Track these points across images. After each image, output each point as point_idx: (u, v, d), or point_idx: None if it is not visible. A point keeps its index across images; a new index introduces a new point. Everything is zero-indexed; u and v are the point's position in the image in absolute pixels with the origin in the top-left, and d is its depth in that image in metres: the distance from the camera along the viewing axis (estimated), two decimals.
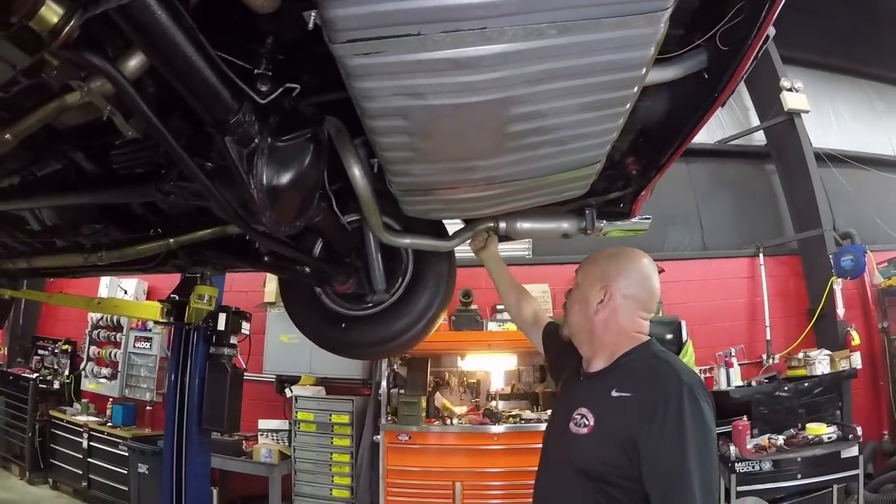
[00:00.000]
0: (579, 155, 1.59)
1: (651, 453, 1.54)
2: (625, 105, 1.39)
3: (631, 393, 1.66)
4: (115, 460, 6.93)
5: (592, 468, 1.64)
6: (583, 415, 1.72)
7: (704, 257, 7.40)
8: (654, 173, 1.96)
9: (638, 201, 2.13)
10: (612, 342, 1.81)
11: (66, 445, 7.64)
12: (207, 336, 5.25)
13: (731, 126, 8.05)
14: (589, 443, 1.68)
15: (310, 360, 6.60)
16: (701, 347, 6.00)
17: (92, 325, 8.56)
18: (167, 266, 2.98)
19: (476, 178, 1.62)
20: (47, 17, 0.95)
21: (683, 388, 1.58)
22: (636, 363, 1.75)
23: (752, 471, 5.19)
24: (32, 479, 7.76)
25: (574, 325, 1.92)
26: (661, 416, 1.55)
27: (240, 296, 6.89)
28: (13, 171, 2.25)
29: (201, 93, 1.24)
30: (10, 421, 8.15)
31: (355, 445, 6.11)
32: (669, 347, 5.52)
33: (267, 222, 1.52)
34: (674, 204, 7.37)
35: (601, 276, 1.85)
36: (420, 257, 2.56)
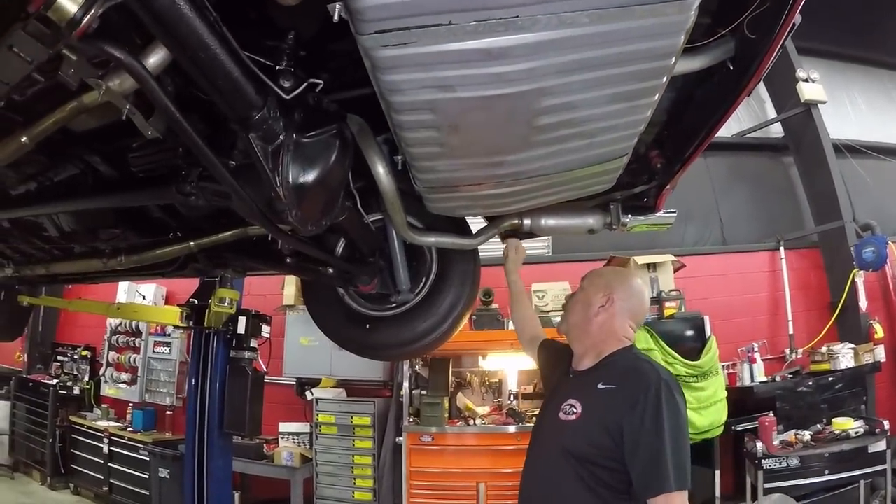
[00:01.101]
0: (607, 148, 1.56)
1: (632, 435, 1.76)
2: (653, 96, 1.36)
3: (615, 385, 1.89)
4: (135, 465, 6.93)
5: (579, 449, 1.86)
6: (571, 404, 1.95)
7: (724, 252, 7.31)
8: (680, 166, 1.94)
9: (663, 195, 2.11)
10: (602, 342, 2.05)
11: (86, 451, 7.65)
12: (227, 340, 5.25)
13: (747, 119, 7.96)
14: (576, 427, 1.90)
15: (330, 362, 6.56)
16: (724, 343, 5.91)
17: (111, 330, 8.62)
18: (187, 270, 2.98)
19: (503, 173, 1.59)
20: (66, 7, 0.92)
21: (661, 382, 1.82)
22: (620, 362, 2.00)
23: (778, 468, 5.12)
24: (53, 484, 7.78)
25: (572, 323, 2.15)
26: (641, 404, 1.77)
27: (258, 299, 6.82)
28: (30, 177, 2.25)
29: (225, 87, 1.21)
30: (31, 427, 8.16)
31: (377, 447, 6.08)
32: (692, 345, 5.53)
33: (293, 221, 1.50)
34: (692, 199, 7.28)
35: (606, 285, 2.09)
36: (444, 256, 2.53)
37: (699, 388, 5.34)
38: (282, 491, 6.19)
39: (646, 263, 6.13)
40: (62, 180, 2.24)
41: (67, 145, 2.02)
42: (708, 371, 5.43)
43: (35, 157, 2.05)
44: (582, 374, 2.07)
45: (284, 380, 7.16)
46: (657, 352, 5.33)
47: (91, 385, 8.61)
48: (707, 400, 5.33)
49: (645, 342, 5.35)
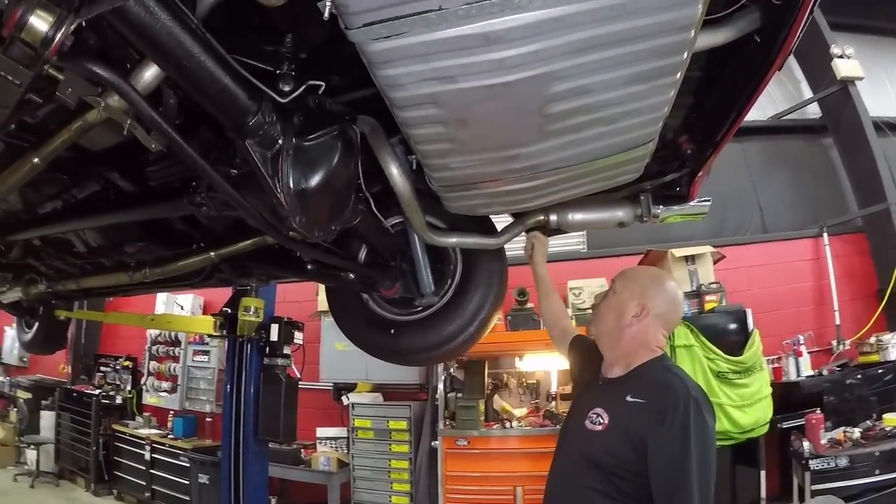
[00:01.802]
0: (630, 134, 1.45)
1: (657, 452, 1.72)
2: (675, 74, 1.26)
3: (644, 399, 1.84)
4: (176, 471, 7.14)
5: (603, 460, 1.84)
6: (598, 414, 1.91)
7: (765, 241, 7.04)
8: (711, 151, 1.82)
9: (695, 183, 1.99)
10: (633, 352, 1.99)
11: (129, 458, 7.91)
12: (261, 347, 5.31)
13: (782, 101, 7.68)
14: (602, 438, 1.87)
15: (366, 366, 6.55)
16: (768, 336, 5.67)
17: (151, 341, 8.86)
18: (213, 280, 2.97)
19: (520, 167, 1.50)
20: (38, 28, 0.93)
21: (690, 400, 1.76)
22: (650, 374, 1.94)
23: (827, 468, 4.85)
24: (97, 490, 8.04)
25: (603, 329, 2.08)
26: (669, 421, 1.73)
27: (293, 306, 6.88)
28: (54, 196, 2.31)
29: (214, 95, 1.19)
30: (75, 436, 8.46)
31: (414, 451, 6.03)
32: (735, 339, 5.31)
33: (298, 227, 1.45)
34: (729, 186, 7.03)
35: (641, 293, 2.00)
36: (469, 256, 2.46)
37: (742, 384, 5.13)
38: (320, 496, 6.20)
39: (684, 256, 5.91)
40: (85, 197, 2.29)
41: (87, 164, 2.06)
42: (751, 366, 5.21)
43: (57, 176, 2.14)
44: (611, 383, 2.02)
45: (321, 385, 7.20)
46: (697, 348, 5.14)
47: (133, 394, 8.87)
48: (751, 397, 5.12)
49: (685, 338, 5.17)
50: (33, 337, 4.89)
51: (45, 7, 0.92)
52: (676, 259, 5.83)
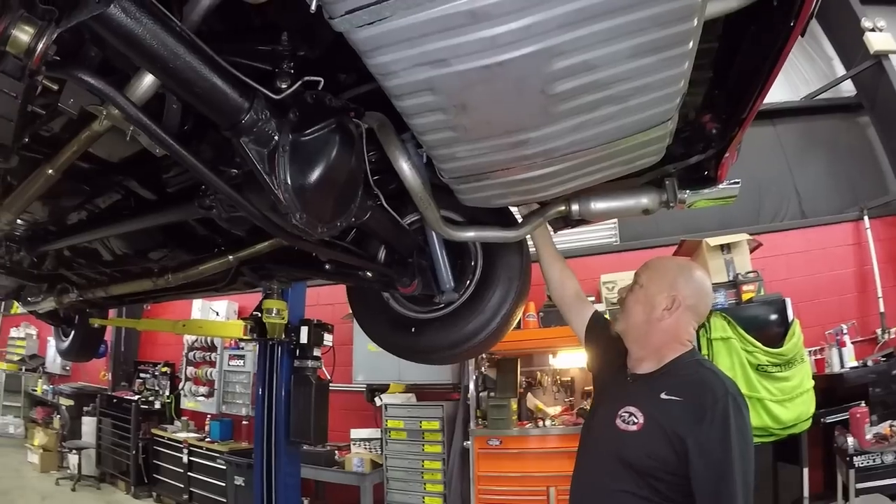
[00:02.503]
0: (646, 112, 1.36)
1: (698, 453, 1.68)
2: (686, 44, 1.16)
3: (681, 397, 1.79)
4: (213, 473, 7.32)
5: (640, 461, 1.78)
6: (631, 413, 1.86)
7: (804, 226, 6.75)
8: (737, 129, 1.70)
9: (723, 164, 1.87)
10: (665, 346, 1.94)
11: (167, 461, 8.15)
12: (291, 350, 5.35)
13: (815, 80, 7.39)
14: (638, 439, 1.81)
15: (398, 367, 6.53)
16: (809, 327, 5.46)
17: (188, 347, 9.08)
18: (237, 284, 3.00)
19: (531, 153, 1.42)
20: (21, 39, 0.98)
21: (729, 396, 1.73)
22: (684, 369, 1.89)
23: (872, 465, 4.63)
24: (137, 493, 8.31)
25: (632, 325, 2.01)
26: (708, 419, 1.70)
27: (326, 309, 6.93)
28: (79, 206, 2.40)
29: (202, 94, 1.19)
30: (116, 440, 8.75)
31: (446, 452, 5.98)
32: (774, 330, 5.12)
33: (300, 224, 1.42)
34: (764, 171, 6.80)
35: (671, 284, 1.96)
36: (489, 251, 2.40)
37: (783, 377, 4.92)
38: (354, 497, 6.19)
39: (719, 245, 5.72)
40: (108, 207, 2.36)
41: (108, 174, 2.13)
42: (792, 359, 5.00)
43: (80, 187, 2.25)
44: (642, 380, 1.95)
45: (355, 387, 7.22)
46: (735, 340, 4.96)
47: (171, 399, 9.12)
48: (792, 391, 4.90)
49: (722, 330, 5.00)
50: (70, 345, 5.02)
51: (26, 20, 0.98)
52: (711, 248, 5.65)
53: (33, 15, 0.98)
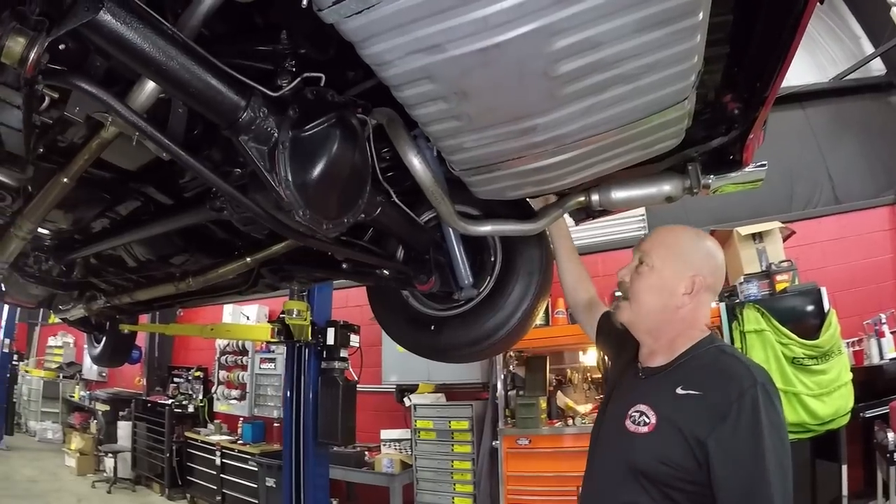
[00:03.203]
0: (660, 92, 1.28)
1: (723, 458, 1.41)
2: (696, 14, 1.09)
3: (699, 391, 1.52)
4: (245, 475, 7.44)
5: (652, 468, 1.52)
6: (641, 412, 1.60)
7: (838, 212, 6.51)
8: (760, 108, 1.62)
9: (748, 146, 1.78)
10: (683, 335, 1.67)
11: (200, 463, 8.34)
12: (318, 352, 5.38)
13: (843, 60, 7.12)
14: (649, 442, 1.55)
15: (427, 367, 6.53)
16: (846, 317, 5.26)
17: (220, 351, 9.23)
18: (258, 286, 3.01)
19: (541, 140, 1.37)
20: (14, 49, 1.02)
21: (757, 386, 1.44)
22: (702, 358, 1.62)
23: None
24: (171, 495, 8.53)
25: (644, 315, 1.72)
26: (734, 417, 1.42)
27: (355, 310, 6.96)
28: (101, 214, 2.45)
29: (198, 94, 1.19)
30: (151, 444, 9.00)
31: (476, 451, 5.94)
32: (810, 322, 4.95)
33: (304, 221, 1.39)
34: (795, 156, 6.59)
35: (689, 263, 1.68)
36: (509, 245, 2.35)
37: (820, 370, 4.75)
38: (385, 498, 6.18)
39: (751, 234, 5.58)
40: (129, 214, 2.41)
41: (127, 182, 2.17)
42: (829, 351, 4.82)
43: (101, 196, 2.29)
44: (655, 374, 1.68)
45: (384, 388, 7.23)
46: (769, 332, 4.81)
47: (204, 402, 9.30)
48: (829, 384, 4.72)
49: (755, 322, 4.86)
50: (102, 351, 5.12)
51: (18, 31, 1.01)
52: (743, 238, 5.51)
53: (25, 26, 1.02)
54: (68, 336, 13.70)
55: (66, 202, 2.18)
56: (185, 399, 9.39)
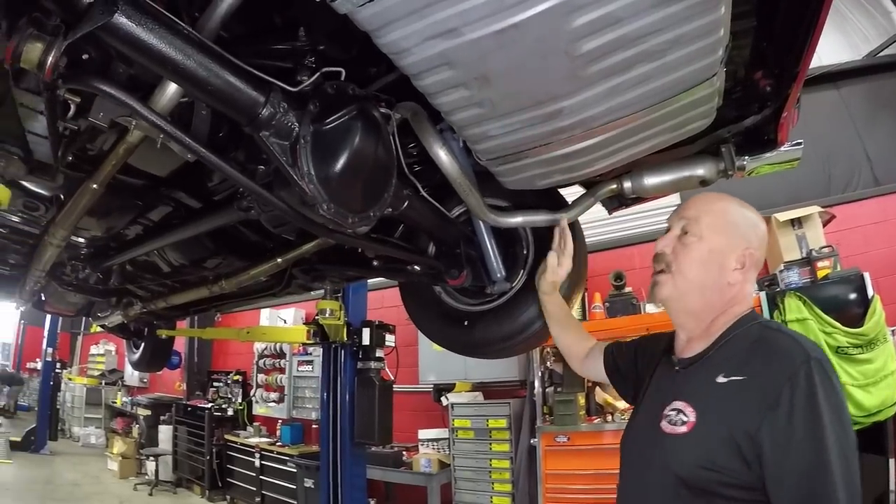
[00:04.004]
0: (687, 68, 1.23)
1: (778, 449, 1.18)
2: None
3: (744, 376, 1.29)
4: (284, 476, 7.53)
5: (694, 474, 1.28)
6: (679, 409, 1.37)
7: (879, 194, 6.20)
8: (792, 84, 1.55)
9: (782, 124, 1.71)
10: (729, 313, 1.45)
11: (240, 465, 8.47)
12: (354, 352, 5.40)
13: (875, 36, 6.80)
14: (689, 443, 1.31)
15: (464, 366, 6.51)
16: (891, 303, 5.04)
17: (258, 355, 9.37)
18: (292, 287, 3.03)
19: (567, 124, 1.33)
20: (32, 55, 1.06)
21: (811, 362, 1.21)
22: (744, 337, 1.39)
23: None
24: (212, 496, 8.69)
25: (688, 290, 1.47)
26: (786, 400, 1.19)
27: (392, 311, 6.94)
28: (134, 221, 2.50)
29: (216, 92, 1.21)
30: (191, 447, 9.18)
31: (514, 450, 5.87)
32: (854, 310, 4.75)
33: (328, 215, 1.39)
34: (832, 138, 6.32)
35: (740, 234, 1.46)
36: (541, 237, 2.29)
37: (865, 360, 4.54)
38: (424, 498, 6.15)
39: (789, 220, 5.41)
40: (161, 219, 2.46)
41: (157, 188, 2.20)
42: (874, 339, 4.59)
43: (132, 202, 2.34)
44: (690, 365, 1.46)
45: (421, 387, 7.21)
46: (812, 321, 4.64)
47: (244, 406, 9.45)
48: (875, 374, 4.50)
49: (798, 311, 4.70)
50: (140, 356, 5.25)
51: (35, 37, 1.05)
52: (781, 224, 5.35)
53: (42, 32, 1.06)
54: (110, 344, 14.05)
55: (99, 210, 2.25)
56: (225, 402, 9.56)
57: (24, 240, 2.84)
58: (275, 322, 8.79)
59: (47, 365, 11.55)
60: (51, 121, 1.38)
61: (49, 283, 3.32)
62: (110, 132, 1.63)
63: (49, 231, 2.23)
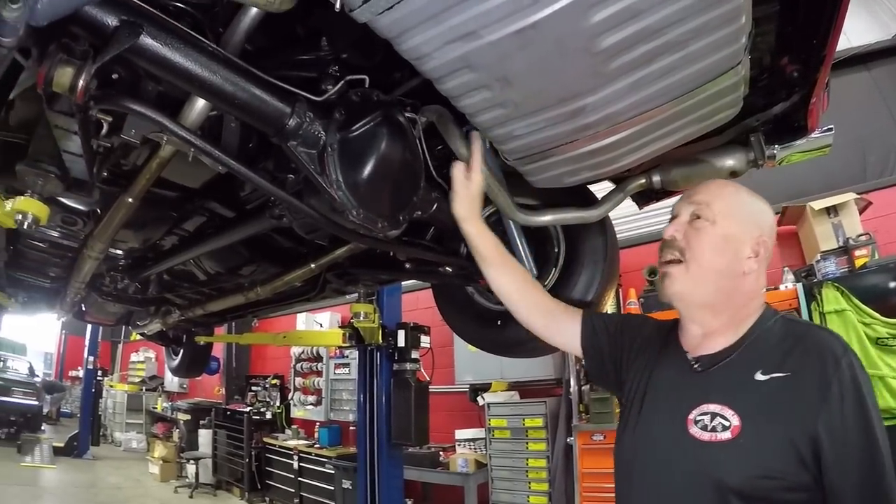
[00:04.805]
0: (710, 58, 1.21)
1: (838, 443, 1.14)
2: None
3: (787, 372, 1.23)
4: (322, 478, 7.63)
5: (751, 484, 1.18)
6: (714, 413, 1.27)
7: None
8: (819, 68, 1.51)
9: (812, 110, 1.67)
10: (748, 307, 1.37)
11: (279, 467, 8.61)
12: (389, 354, 5.44)
13: None
14: (739, 450, 1.21)
15: (500, 365, 6.50)
16: None
17: (295, 359, 9.47)
18: (326, 292, 3.09)
19: (592, 121, 1.33)
20: (63, 79, 1.07)
21: (850, 354, 1.21)
22: (774, 332, 1.33)
23: None
24: (251, 498, 8.86)
25: (704, 280, 1.37)
26: (836, 394, 1.16)
27: (427, 312, 6.95)
28: (169, 232, 2.56)
29: (243, 105, 1.24)
30: (230, 450, 9.35)
31: (551, 449, 5.82)
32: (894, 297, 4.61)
33: (358, 221, 1.41)
34: (865, 122, 6.06)
35: (754, 221, 1.38)
36: (571, 235, 2.30)
37: None
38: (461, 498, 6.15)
39: (824, 208, 5.27)
40: (195, 229, 2.51)
41: (191, 199, 2.26)
42: None
43: (167, 213, 2.40)
44: (719, 362, 1.36)
45: (457, 387, 7.21)
46: (851, 312, 4.48)
47: (282, 409, 9.58)
48: None
49: (836, 302, 4.55)
50: (179, 362, 5.36)
51: (65, 62, 1.07)
52: (816, 213, 5.21)
53: (72, 56, 1.07)
54: (149, 351, 14.37)
55: (135, 222, 2.31)
56: (263, 406, 9.69)
57: (64, 253, 2.93)
58: (311, 326, 8.88)
59: (89, 373, 11.86)
60: (84, 140, 1.41)
61: (89, 294, 3.41)
62: (143, 147, 1.67)
63: (87, 244, 2.30)
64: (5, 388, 11.96)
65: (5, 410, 11.62)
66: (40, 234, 2.54)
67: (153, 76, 1.33)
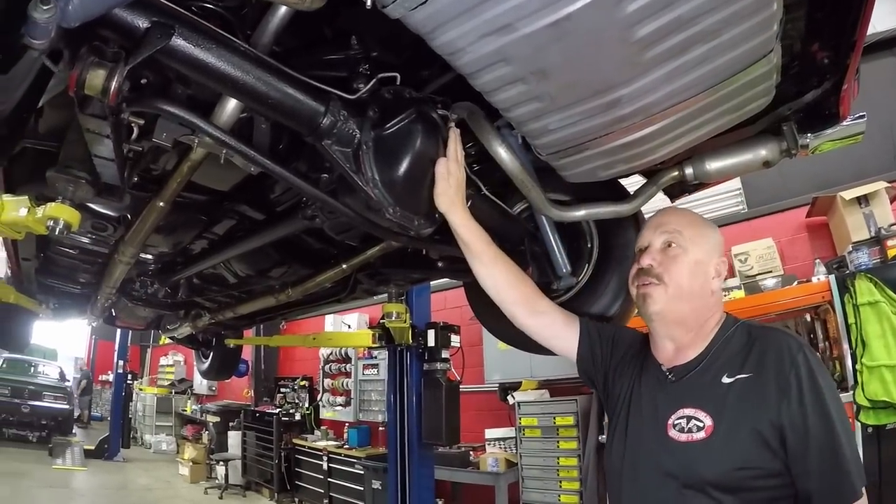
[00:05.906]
0: (743, 46, 1.21)
1: (797, 432, 1.31)
2: None
3: (749, 372, 1.41)
4: (351, 478, 7.70)
5: (727, 476, 1.34)
6: (688, 416, 1.44)
7: None
8: (850, 54, 1.50)
9: (843, 97, 1.64)
10: (712, 321, 1.56)
11: (308, 468, 8.71)
12: (419, 354, 5.44)
13: None
14: (713, 447, 1.37)
15: (530, 364, 6.49)
16: None
17: (324, 360, 9.57)
18: (357, 292, 3.09)
19: (627, 112, 1.31)
20: (95, 81, 1.06)
21: (804, 350, 1.39)
22: (735, 338, 1.52)
23: None
24: (280, 499, 9.00)
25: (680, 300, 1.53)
26: (795, 387, 1.33)
27: (455, 311, 7.03)
28: (199, 236, 2.57)
29: (277, 105, 1.23)
30: (260, 451, 9.51)
31: (582, 447, 5.77)
32: None
33: (394, 219, 1.42)
34: (891, 111, 5.87)
35: (714, 245, 1.60)
36: (605, 230, 2.28)
37: None
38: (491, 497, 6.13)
39: (855, 197, 5.14)
40: (225, 232, 2.52)
41: (221, 203, 2.26)
42: None
43: (197, 217, 2.41)
44: (690, 371, 1.52)
45: (487, 387, 7.20)
46: (885, 304, 4.33)
47: (311, 410, 9.69)
48: None
49: (869, 294, 4.41)
50: (209, 365, 5.43)
51: (97, 65, 1.06)
52: (847, 203, 5.09)
53: (103, 59, 1.07)
54: (178, 355, 14.58)
55: (165, 226, 2.32)
56: (292, 407, 9.79)
57: (94, 259, 2.96)
58: (339, 327, 8.97)
59: (119, 377, 12.10)
60: (116, 144, 1.41)
61: (119, 299, 3.45)
62: (173, 151, 1.67)
63: (118, 249, 2.32)
64: (37, 392, 12.27)
65: (37, 414, 11.94)
66: (70, 241, 2.55)
67: (183, 79, 1.32)
